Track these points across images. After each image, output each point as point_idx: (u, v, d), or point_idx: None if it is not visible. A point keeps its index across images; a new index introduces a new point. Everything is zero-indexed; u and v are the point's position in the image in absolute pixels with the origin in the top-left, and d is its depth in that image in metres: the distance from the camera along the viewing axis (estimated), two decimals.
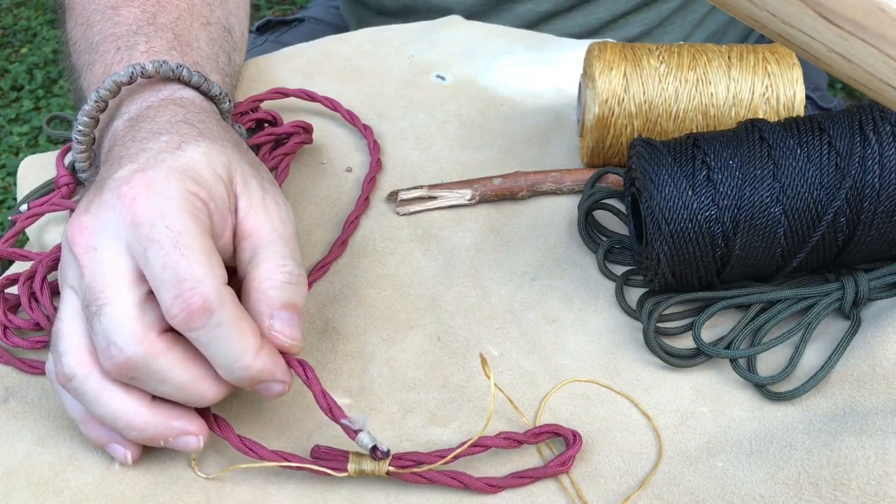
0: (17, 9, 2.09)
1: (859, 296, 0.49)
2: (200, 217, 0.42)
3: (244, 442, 0.44)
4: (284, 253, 0.45)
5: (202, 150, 0.44)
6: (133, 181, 0.42)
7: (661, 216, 0.48)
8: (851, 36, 0.37)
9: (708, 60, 0.56)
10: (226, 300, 0.41)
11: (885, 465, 0.41)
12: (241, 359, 0.41)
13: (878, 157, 0.47)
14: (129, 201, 0.41)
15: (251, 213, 0.45)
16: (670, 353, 0.49)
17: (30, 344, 0.49)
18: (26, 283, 0.50)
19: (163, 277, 0.40)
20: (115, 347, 0.40)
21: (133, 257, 0.41)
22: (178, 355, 0.41)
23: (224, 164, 0.45)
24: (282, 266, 0.44)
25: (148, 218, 0.41)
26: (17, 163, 1.65)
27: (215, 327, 0.40)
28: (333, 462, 0.44)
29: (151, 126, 0.47)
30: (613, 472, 0.45)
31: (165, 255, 0.40)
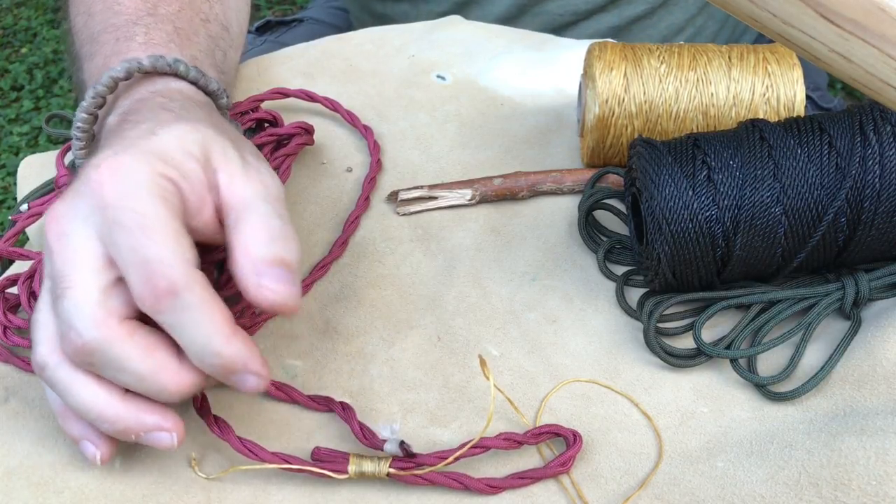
0: (17, 9, 2.09)
1: (860, 296, 0.49)
2: (169, 199, 0.41)
3: (244, 444, 0.44)
4: (267, 212, 0.43)
5: (175, 133, 0.43)
6: (102, 166, 0.41)
7: (661, 216, 0.48)
8: (852, 36, 0.37)
9: (708, 60, 0.56)
10: (194, 283, 0.40)
11: (886, 466, 0.41)
12: (210, 344, 0.40)
13: (878, 157, 0.47)
14: (97, 186, 0.41)
15: (232, 183, 0.43)
16: (671, 353, 0.49)
17: (30, 343, 0.49)
18: (26, 283, 0.50)
19: (130, 260, 0.39)
20: (74, 331, 0.39)
21: (102, 243, 0.40)
22: (139, 343, 0.40)
23: (198, 141, 0.43)
24: (265, 223, 0.42)
25: (114, 201, 0.40)
26: (17, 163, 1.65)
27: (183, 310, 0.39)
28: (334, 464, 0.44)
29: (136, 117, 0.46)
30: (614, 472, 0.45)
31: (132, 238, 0.39)
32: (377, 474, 0.44)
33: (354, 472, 0.44)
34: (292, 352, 0.51)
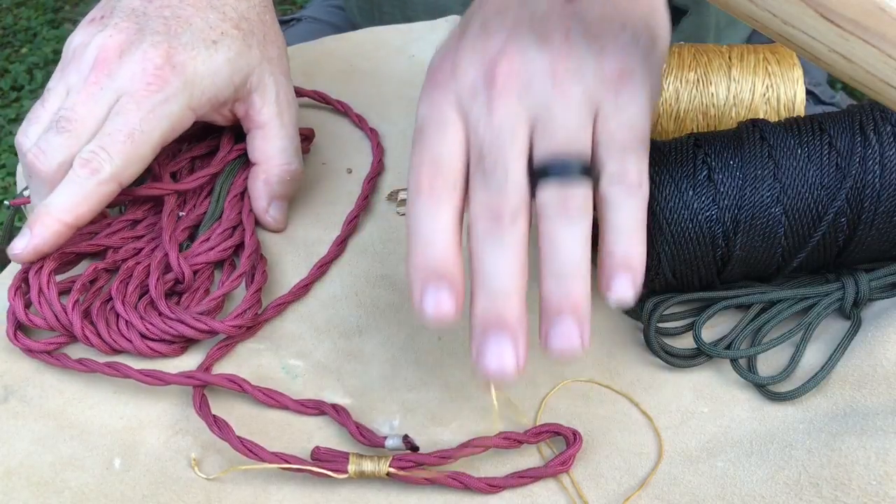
0: (17, 9, 2.09)
1: (860, 296, 0.49)
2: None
3: (244, 443, 0.44)
4: (289, 151, 0.57)
5: (228, 58, 0.54)
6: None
7: (661, 216, 0.48)
8: (852, 36, 0.37)
9: (708, 60, 0.56)
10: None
11: (886, 466, 0.41)
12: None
13: (878, 157, 0.47)
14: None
15: (264, 109, 0.56)
16: (671, 353, 0.49)
17: (43, 346, 0.49)
18: (36, 275, 0.50)
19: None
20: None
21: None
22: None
23: (243, 71, 0.54)
24: (287, 164, 0.56)
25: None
26: (16, 162, 1.65)
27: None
28: (334, 463, 0.44)
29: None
30: (614, 472, 0.45)
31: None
32: (377, 473, 0.44)
33: (354, 472, 0.44)
34: (292, 352, 0.51)
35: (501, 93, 0.41)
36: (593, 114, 0.42)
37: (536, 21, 0.42)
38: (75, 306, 0.49)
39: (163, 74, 0.52)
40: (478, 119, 0.41)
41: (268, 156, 0.56)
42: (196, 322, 0.49)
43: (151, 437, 0.46)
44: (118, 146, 0.50)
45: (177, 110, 0.52)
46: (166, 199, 0.55)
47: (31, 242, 0.49)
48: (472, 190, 0.41)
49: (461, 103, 0.42)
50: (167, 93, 0.52)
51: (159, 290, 0.51)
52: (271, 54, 0.57)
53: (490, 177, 0.40)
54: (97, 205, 0.50)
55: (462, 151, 0.42)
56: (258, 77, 0.56)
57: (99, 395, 0.48)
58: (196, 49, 0.53)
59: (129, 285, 0.51)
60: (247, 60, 0.55)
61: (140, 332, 0.49)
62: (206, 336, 0.50)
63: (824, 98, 0.84)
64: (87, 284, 0.51)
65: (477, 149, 0.41)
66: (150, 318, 0.49)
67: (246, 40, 0.55)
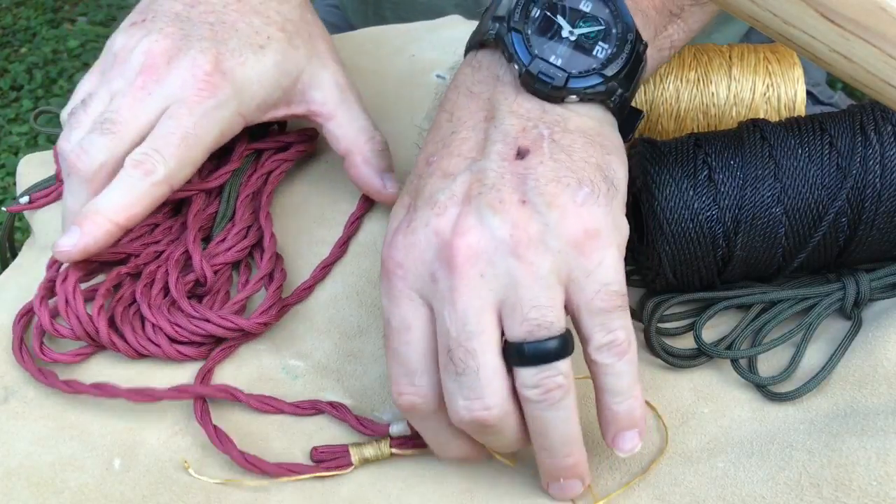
0: (16, 8, 2.09)
1: (860, 296, 0.49)
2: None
3: (247, 458, 0.44)
4: (369, 126, 0.56)
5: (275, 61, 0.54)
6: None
7: (662, 216, 0.48)
8: (853, 36, 0.37)
9: (709, 60, 0.56)
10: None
11: (887, 466, 0.41)
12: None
13: (879, 156, 0.47)
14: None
15: (328, 100, 0.56)
16: (671, 353, 0.49)
17: (70, 357, 0.49)
18: (63, 285, 0.49)
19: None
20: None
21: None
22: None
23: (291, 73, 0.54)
24: (373, 139, 0.56)
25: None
26: (16, 162, 1.64)
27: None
28: (336, 461, 0.44)
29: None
30: (614, 473, 0.45)
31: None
32: (381, 456, 0.44)
33: (359, 461, 0.44)
34: (293, 352, 0.51)
35: (462, 276, 0.39)
36: (564, 282, 0.40)
37: (488, 188, 0.40)
38: (101, 312, 0.48)
39: (213, 80, 0.51)
40: (441, 307, 0.39)
41: (353, 140, 0.56)
42: (222, 320, 0.49)
43: (151, 438, 0.46)
44: (172, 148, 0.50)
45: (228, 116, 0.52)
46: (193, 199, 0.54)
47: (81, 240, 0.48)
48: (447, 387, 0.40)
49: (422, 292, 0.40)
50: (219, 99, 0.51)
51: (180, 290, 0.50)
52: (320, 49, 0.57)
53: (463, 377, 0.39)
54: (149, 206, 0.50)
55: (431, 348, 0.40)
56: (310, 75, 0.55)
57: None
58: (244, 55, 0.53)
59: (153, 288, 0.51)
60: (294, 62, 0.55)
61: (168, 336, 0.49)
62: (233, 335, 0.49)
63: (823, 98, 0.84)
64: (111, 290, 0.50)
65: (445, 343, 0.39)
66: (176, 319, 0.49)
67: (291, 42, 0.55)
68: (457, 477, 0.45)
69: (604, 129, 0.43)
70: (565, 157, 0.41)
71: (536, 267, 0.39)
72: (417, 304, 0.40)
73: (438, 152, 0.43)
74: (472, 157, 0.42)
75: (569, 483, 0.43)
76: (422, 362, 0.40)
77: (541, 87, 0.42)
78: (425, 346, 0.40)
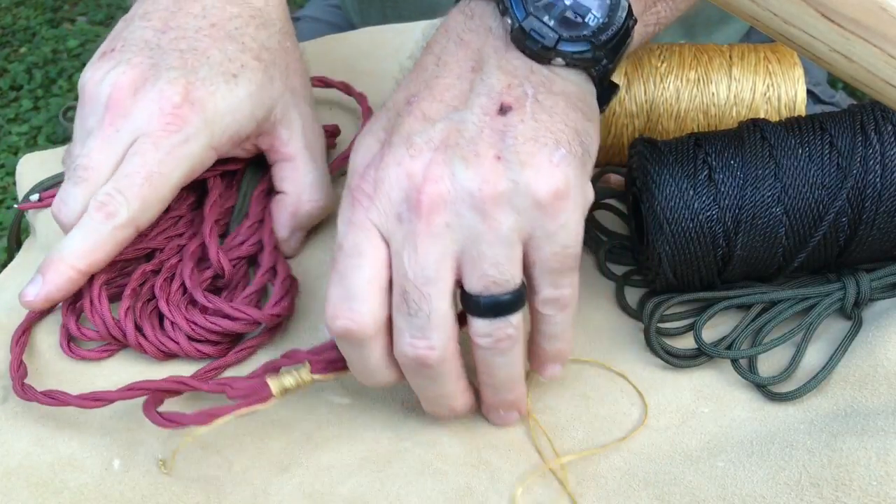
0: (16, 8, 2.09)
1: (861, 296, 0.49)
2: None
3: (164, 417, 0.43)
4: (321, 185, 0.55)
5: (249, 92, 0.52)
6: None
7: (662, 216, 0.48)
8: (853, 35, 0.37)
9: (709, 60, 0.56)
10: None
11: (887, 466, 0.41)
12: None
13: (879, 156, 0.47)
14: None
15: (292, 142, 0.54)
16: (671, 353, 0.49)
17: (96, 354, 0.49)
18: (88, 287, 0.49)
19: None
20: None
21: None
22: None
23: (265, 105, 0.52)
24: (318, 201, 0.54)
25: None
26: (15, 162, 1.64)
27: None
28: (255, 395, 0.44)
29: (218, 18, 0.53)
30: (614, 472, 0.45)
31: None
32: (301, 383, 0.44)
33: (279, 391, 0.44)
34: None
35: (427, 223, 0.40)
36: (524, 239, 0.41)
37: (465, 140, 0.41)
38: (128, 313, 0.48)
39: (181, 113, 0.49)
40: (401, 248, 0.40)
41: (299, 190, 0.54)
42: (236, 312, 0.49)
43: (151, 438, 0.46)
44: (135, 189, 0.48)
45: (197, 150, 0.50)
46: (211, 187, 0.54)
47: (43, 289, 0.48)
48: (396, 323, 0.41)
49: (384, 227, 0.41)
50: (187, 133, 0.49)
51: (195, 281, 0.50)
52: (294, 84, 0.55)
53: (414, 318, 0.40)
54: (113, 250, 0.49)
55: (382, 284, 0.41)
56: (282, 110, 0.54)
57: None
58: (215, 84, 0.50)
59: (172, 283, 0.50)
60: (269, 94, 0.53)
61: (186, 334, 0.49)
62: (248, 328, 0.49)
63: (824, 97, 0.84)
64: (137, 290, 0.50)
65: (400, 283, 0.41)
66: (192, 316, 0.49)
67: (267, 72, 0.53)
68: (457, 475, 0.45)
69: (585, 97, 0.44)
70: (546, 118, 0.41)
71: (500, 224, 0.40)
72: (375, 236, 0.41)
73: (420, 93, 0.43)
74: (455, 105, 0.42)
75: (508, 413, 0.46)
76: (365, 290, 0.41)
77: (531, 44, 0.42)
78: (372, 276, 0.41)
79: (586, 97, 0.44)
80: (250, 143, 0.54)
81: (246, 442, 0.46)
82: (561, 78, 0.43)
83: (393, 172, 0.41)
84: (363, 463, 0.45)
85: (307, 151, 0.55)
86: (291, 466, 0.45)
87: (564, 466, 0.44)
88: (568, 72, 0.43)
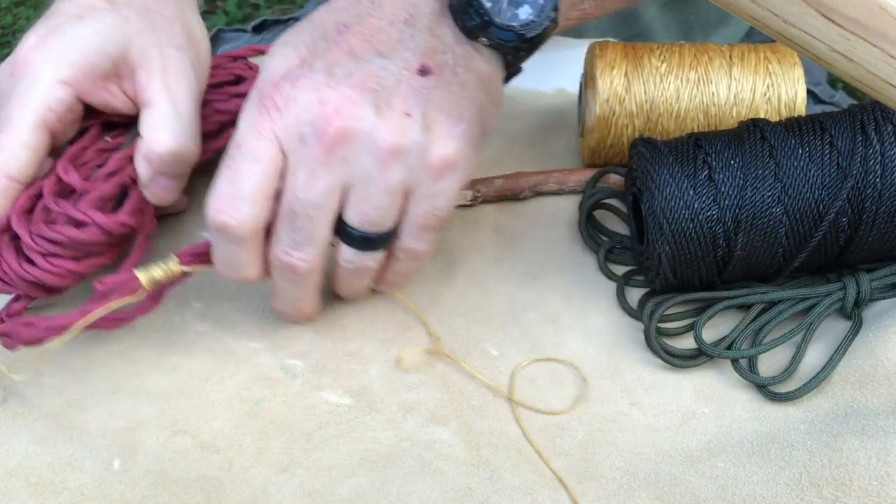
0: (15, 8, 2.09)
1: (861, 296, 0.49)
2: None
3: (29, 323, 0.43)
4: (176, 130, 0.52)
5: (96, 28, 0.51)
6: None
7: (662, 216, 0.48)
8: (853, 35, 0.37)
9: (709, 60, 0.56)
10: None
11: (887, 466, 0.41)
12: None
13: (879, 156, 0.47)
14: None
15: (150, 84, 0.52)
16: (671, 353, 0.49)
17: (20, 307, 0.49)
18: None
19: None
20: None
21: None
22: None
23: (117, 41, 0.51)
24: (168, 145, 0.51)
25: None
26: None
27: None
28: (125, 287, 0.44)
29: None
30: (614, 472, 0.45)
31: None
32: (170, 274, 0.45)
33: (148, 282, 0.45)
34: (292, 352, 0.50)
35: (329, 153, 0.43)
36: (406, 192, 0.45)
37: (383, 88, 0.43)
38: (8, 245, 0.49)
39: (25, 60, 0.50)
40: (297, 168, 0.43)
41: (150, 132, 0.52)
42: (81, 215, 0.48)
43: (150, 438, 0.46)
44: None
45: (45, 87, 0.50)
46: (88, 131, 0.53)
47: None
48: (278, 231, 0.45)
49: (286, 142, 0.43)
50: (31, 75, 0.50)
51: (49, 189, 0.49)
52: (157, 25, 0.54)
53: (296, 234, 0.45)
54: (2, 204, 0.49)
55: (270, 193, 0.44)
56: (140, 49, 0.52)
57: (98, 396, 0.48)
58: (61, 28, 0.51)
59: (33, 213, 0.50)
60: (122, 31, 0.52)
61: (36, 251, 0.48)
62: (95, 236, 0.49)
63: (824, 97, 0.84)
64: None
65: (290, 200, 0.44)
66: (39, 230, 0.48)
67: (120, 12, 0.53)
68: (457, 475, 0.45)
69: (494, 79, 0.46)
70: (458, 90, 0.44)
71: (392, 175, 0.44)
72: (275, 148, 0.43)
73: (352, 27, 0.44)
74: (381, 50, 0.44)
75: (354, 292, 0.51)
76: (253, 195, 0.43)
77: (467, 20, 0.44)
78: (263, 183, 0.44)
79: (495, 80, 0.47)
80: (116, 88, 0.53)
81: (246, 442, 0.46)
82: (480, 56, 0.45)
83: (308, 95, 0.43)
84: (363, 463, 0.45)
85: (165, 94, 0.52)
86: (291, 466, 0.45)
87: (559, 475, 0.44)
88: (488, 52, 0.45)
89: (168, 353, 0.50)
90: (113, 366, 0.49)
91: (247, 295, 0.53)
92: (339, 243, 0.46)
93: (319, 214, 0.44)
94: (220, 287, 0.53)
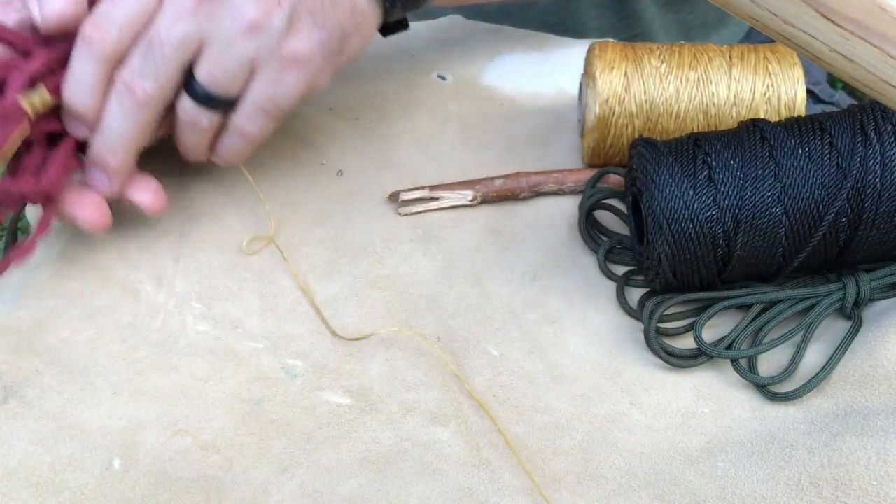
0: None
1: (861, 296, 0.49)
2: None
3: None
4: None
5: None
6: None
7: (662, 216, 0.48)
8: (853, 36, 0.37)
9: (709, 60, 0.56)
10: None
11: (887, 466, 0.41)
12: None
13: (879, 156, 0.47)
14: None
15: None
16: (671, 353, 0.49)
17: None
18: None
19: None
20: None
21: None
22: None
23: None
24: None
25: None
26: None
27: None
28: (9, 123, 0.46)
29: None
30: (614, 473, 0.45)
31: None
32: (44, 102, 0.47)
33: (30, 107, 0.47)
34: (292, 352, 0.50)
35: (198, 5, 0.47)
36: (253, 70, 0.48)
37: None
38: None
39: None
40: (167, 10, 0.47)
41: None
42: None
43: (151, 438, 0.46)
44: None
45: None
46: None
47: None
48: (131, 54, 0.48)
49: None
50: None
51: None
52: None
53: (146, 64, 0.47)
54: None
55: (140, 28, 0.47)
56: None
57: (98, 396, 0.48)
58: None
59: None
60: None
61: None
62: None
63: (824, 97, 0.84)
64: None
65: (151, 35, 0.47)
66: None
67: None
68: (457, 475, 0.45)
69: (367, 15, 0.52)
70: (330, 6, 0.49)
71: (246, 49, 0.47)
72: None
73: None
74: None
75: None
76: (126, 23, 0.47)
77: None
78: (135, 13, 0.47)
79: (368, 16, 0.52)
80: None
81: (246, 442, 0.46)
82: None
83: None
84: (363, 463, 0.45)
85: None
86: (291, 466, 0.45)
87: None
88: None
89: (168, 353, 0.50)
90: (113, 366, 0.49)
91: (247, 295, 0.53)
92: (181, 95, 0.49)
93: (173, 55, 0.47)
94: (221, 287, 0.53)
